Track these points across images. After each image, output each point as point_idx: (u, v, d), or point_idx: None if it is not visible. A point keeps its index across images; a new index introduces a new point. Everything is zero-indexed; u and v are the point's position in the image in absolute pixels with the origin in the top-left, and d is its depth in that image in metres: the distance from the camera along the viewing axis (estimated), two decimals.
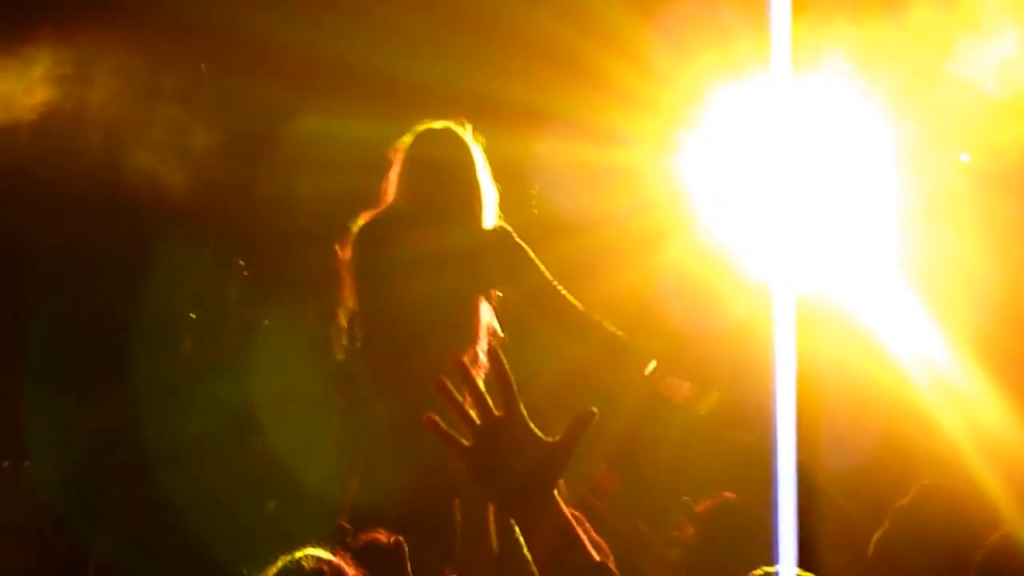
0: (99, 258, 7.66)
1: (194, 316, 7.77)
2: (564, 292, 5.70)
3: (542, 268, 5.69)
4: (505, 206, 5.77)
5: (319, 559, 3.71)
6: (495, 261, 5.65)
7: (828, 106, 6.04)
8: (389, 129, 5.77)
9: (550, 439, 2.62)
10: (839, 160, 6.13)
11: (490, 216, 5.69)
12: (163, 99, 7.56)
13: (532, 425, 2.62)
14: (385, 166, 5.68)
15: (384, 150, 5.69)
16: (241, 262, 7.66)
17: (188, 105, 7.52)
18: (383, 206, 5.67)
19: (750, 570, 3.41)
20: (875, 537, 4.33)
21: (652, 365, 5.61)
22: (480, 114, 5.72)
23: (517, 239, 5.69)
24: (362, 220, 5.65)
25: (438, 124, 5.68)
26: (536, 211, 7.21)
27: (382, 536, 4.15)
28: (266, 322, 7.70)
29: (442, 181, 5.62)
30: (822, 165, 6.11)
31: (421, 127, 5.69)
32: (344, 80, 6.94)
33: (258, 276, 7.70)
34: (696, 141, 6.09)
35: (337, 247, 5.63)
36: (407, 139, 5.68)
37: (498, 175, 5.76)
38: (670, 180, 6.17)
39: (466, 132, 5.67)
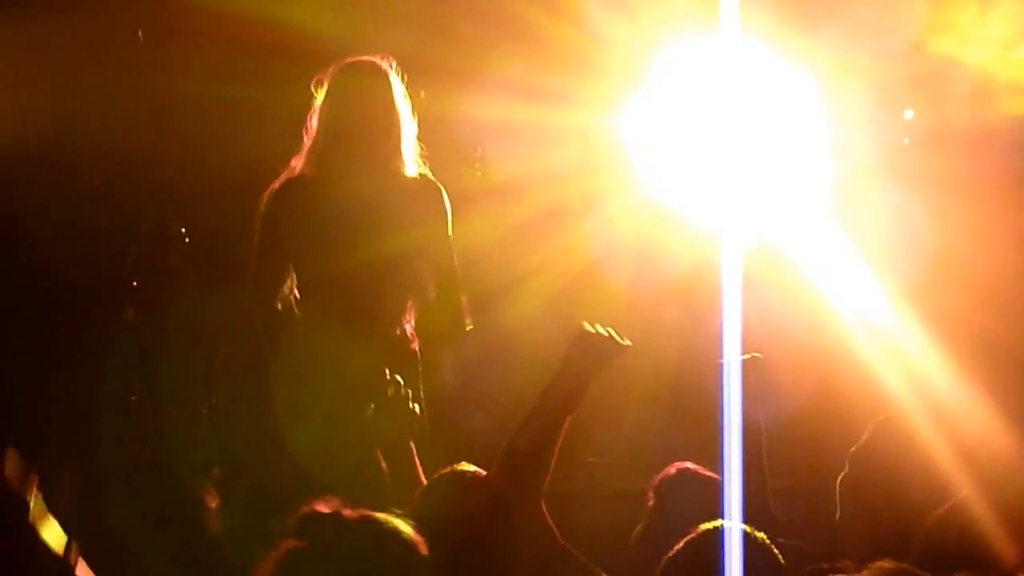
0: (37, 225, 7.54)
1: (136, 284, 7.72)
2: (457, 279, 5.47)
3: (451, 244, 5.45)
4: (449, 168, 5.72)
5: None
6: (417, 215, 5.43)
7: (771, 63, 6.10)
8: None
9: None
10: (783, 117, 6.19)
11: (409, 151, 5.45)
12: (102, 65, 7.46)
13: None
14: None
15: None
16: (183, 229, 7.58)
17: (128, 71, 7.43)
18: (304, 152, 5.46)
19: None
20: (838, 481, 4.39)
21: None
22: (423, 76, 5.69)
23: (444, 197, 5.46)
24: (279, 183, 5.45)
25: (358, 59, 5.45)
26: (480, 173, 7.20)
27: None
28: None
29: (359, 115, 5.39)
30: (766, 122, 6.16)
31: (342, 63, 5.45)
32: (281, 43, 6.88)
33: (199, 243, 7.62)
34: (640, 100, 6.13)
35: (260, 213, 5.42)
36: (328, 75, 5.45)
37: (441, 137, 5.73)
38: (614, 140, 6.21)
39: (388, 65, 5.42)
